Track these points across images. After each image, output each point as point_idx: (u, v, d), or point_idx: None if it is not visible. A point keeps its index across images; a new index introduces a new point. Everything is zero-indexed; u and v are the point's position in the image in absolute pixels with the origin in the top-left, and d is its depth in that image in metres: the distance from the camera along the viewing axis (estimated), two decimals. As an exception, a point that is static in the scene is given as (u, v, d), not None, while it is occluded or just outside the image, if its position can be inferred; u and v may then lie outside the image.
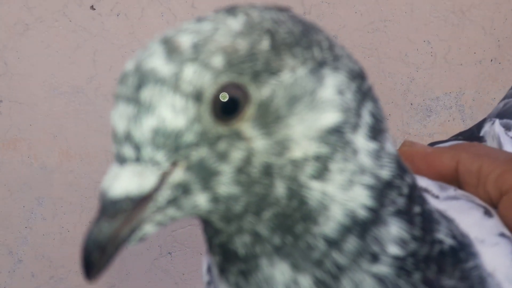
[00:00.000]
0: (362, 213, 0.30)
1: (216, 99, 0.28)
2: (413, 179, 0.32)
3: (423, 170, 0.40)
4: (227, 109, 0.28)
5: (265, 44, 0.29)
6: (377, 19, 0.98)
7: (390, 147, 0.32)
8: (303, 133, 0.29)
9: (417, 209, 0.31)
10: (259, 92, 0.29)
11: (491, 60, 0.99)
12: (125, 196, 0.28)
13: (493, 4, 0.97)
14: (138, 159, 0.28)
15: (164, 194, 0.28)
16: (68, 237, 1.03)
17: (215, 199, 0.29)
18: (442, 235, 0.32)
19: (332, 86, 0.30)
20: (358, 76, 0.31)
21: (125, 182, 0.28)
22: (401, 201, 0.31)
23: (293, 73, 0.29)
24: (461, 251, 0.33)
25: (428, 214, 0.32)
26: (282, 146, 0.29)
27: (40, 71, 0.97)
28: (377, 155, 0.31)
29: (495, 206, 0.37)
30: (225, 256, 0.32)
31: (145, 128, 0.28)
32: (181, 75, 0.28)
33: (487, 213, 0.36)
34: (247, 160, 0.29)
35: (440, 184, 0.38)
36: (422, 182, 0.38)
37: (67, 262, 1.04)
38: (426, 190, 0.37)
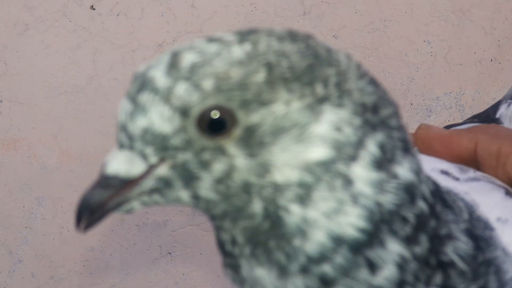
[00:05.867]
0: (353, 235, 0.31)
1: (202, 117, 0.30)
2: (428, 205, 0.32)
3: (440, 152, 0.40)
4: (213, 127, 0.30)
5: (260, 76, 0.30)
6: (377, 19, 0.98)
7: (405, 173, 0.32)
8: (286, 161, 0.30)
9: (424, 236, 0.32)
10: (247, 118, 0.30)
11: (491, 60, 0.99)
12: (114, 175, 0.31)
13: (493, 4, 0.97)
14: (131, 148, 0.32)
15: (148, 183, 0.31)
16: (68, 237, 1.03)
17: (196, 198, 0.31)
18: (454, 256, 0.32)
19: (328, 122, 0.30)
20: (369, 108, 0.32)
21: (118, 164, 0.32)
22: (405, 229, 0.31)
23: (286, 106, 0.30)
24: (479, 250, 0.33)
25: (442, 236, 0.32)
26: (263, 169, 0.30)
27: (40, 71, 0.97)
28: (380, 184, 0.31)
29: None
30: (220, 248, 0.34)
31: (137, 125, 0.31)
32: (173, 90, 0.30)
33: (509, 193, 0.37)
34: (228, 174, 0.30)
35: (460, 166, 0.38)
36: (442, 164, 0.38)
37: (67, 262, 1.04)
38: (447, 173, 0.37)
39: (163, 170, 0.31)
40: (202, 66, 0.30)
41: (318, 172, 0.30)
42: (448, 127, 0.50)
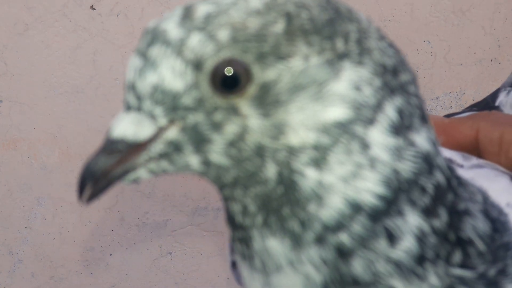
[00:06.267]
0: (371, 202, 0.29)
1: (215, 71, 0.29)
2: (445, 178, 0.31)
3: (441, 141, 0.40)
4: (227, 83, 0.29)
5: (278, 27, 0.29)
6: (377, 19, 0.98)
7: (423, 142, 0.31)
8: (302, 122, 0.29)
9: (442, 209, 0.31)
10: (263, 74, 0.29)
11: (491, 60, 0.99)
12: (121, 139, 0.29)
13: (493, 4, 0.97)
14: (139, 109, 0.30)
15: (157, 147, 0.29)
16: (68, 237, 1.03)
17: (207, 163, 0.30)
18: (473, 234, 0.32)
19: (348, 81, 0.29)
20: (389, 71, 0.31)
21: (124, 126, 0.30)
22: (423, 199, 0.30)
23: (305, 61, 0.29)
24: (496, 233, 0.33)
25: (460, 212, 0.32)
26: (278, 130, 0.29)
27: (40, 71, 0.97)
28: (398, 150, 0.30)
29: None
30: (230, 222, 0.32)
31: (146, 82, 0.29)
32: (186, 41, 0.29)
33: None
34: (240, 136, 0.29)
35: (463, 154, 0.38)
36: (445, 152, 0.37)
37: (67, 262, 1.04)
38: (450, 160, 0.37)
39: (172, 133, 0.29)
40: (218, 16, 0.29)
41: (335, 134, 0.29)
42: (448, 116, 0.50)
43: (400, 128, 0.30)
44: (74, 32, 0.96)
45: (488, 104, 0.53)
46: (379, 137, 0.30)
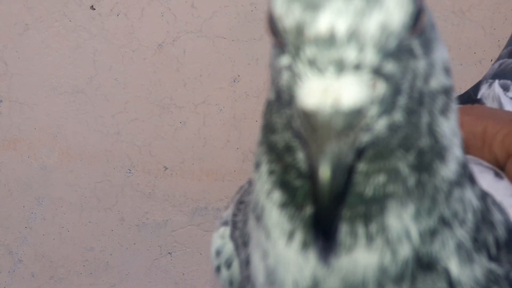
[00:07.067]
0: (459, 167, 0.30)
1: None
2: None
3: None
4: (415, 17, 0.25)
5: None
6: (377, 19, 0.98)
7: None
8: (439, 60, 0.29)
9: (477, 186, 0.31)
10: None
11: (491, 60, 0.99)
12: (359, 109, 0.24)
13: (493, 4, 0.97)
14: (358, 66, 0.24)
15: (373, 110, 0.24)
16: (68, 237, 1.03)
17: (390, 126, 0.26)
18: (498, 223, 0.32)
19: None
20: None
21: (357, 92, 0.24)
22: (468, 172, 0.31)
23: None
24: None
25: (485, 193, 0.32)
26: (430, 71, 0.28)
27: (40, 71, 0.97)
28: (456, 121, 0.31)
29: (501, 167, 0.37)
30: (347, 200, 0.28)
31: (373, 23, 0.24)
32: None
33: (498, 175, 0.36)
34: (413, 83, 0.26)
35: None
36: None
37: (67, 262, 1.04)
38: None
39: (381, 88, 0.24)
40: None
41: (451, 77, 0.29)
42: None
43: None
44: (74, 32, 0.96)
45: (470, 97, 0.53)
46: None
